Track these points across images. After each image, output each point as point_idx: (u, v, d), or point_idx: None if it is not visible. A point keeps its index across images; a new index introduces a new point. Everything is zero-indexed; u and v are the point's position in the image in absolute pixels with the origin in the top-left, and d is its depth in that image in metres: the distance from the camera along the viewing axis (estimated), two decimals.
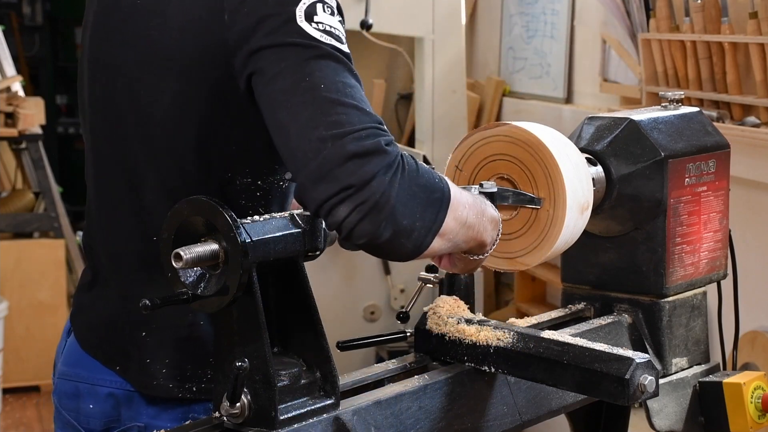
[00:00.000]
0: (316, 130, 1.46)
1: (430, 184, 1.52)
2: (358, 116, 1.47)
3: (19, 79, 5.76)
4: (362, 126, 1.47)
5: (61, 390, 1.79)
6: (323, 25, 1.53)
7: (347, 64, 1.53)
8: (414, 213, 1.49)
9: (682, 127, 2.04)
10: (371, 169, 1.45)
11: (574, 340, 1.68)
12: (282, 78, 1.49)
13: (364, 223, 1.46)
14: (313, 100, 1.47)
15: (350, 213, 1.45)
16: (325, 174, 1.45)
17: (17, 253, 5.32)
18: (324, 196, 1.46)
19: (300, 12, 1.51)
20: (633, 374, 1.57)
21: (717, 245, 2.08)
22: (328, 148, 1.44)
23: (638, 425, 2.11)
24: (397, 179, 1.47)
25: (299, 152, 1.47)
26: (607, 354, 1.61)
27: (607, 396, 1.60)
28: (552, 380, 1.66)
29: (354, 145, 1.44)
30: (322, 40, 1.51)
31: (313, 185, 1.46)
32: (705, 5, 3.36)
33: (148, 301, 1.44)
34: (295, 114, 1.47)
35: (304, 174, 1.46)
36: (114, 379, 1.73)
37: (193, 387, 1.70)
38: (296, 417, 1.51)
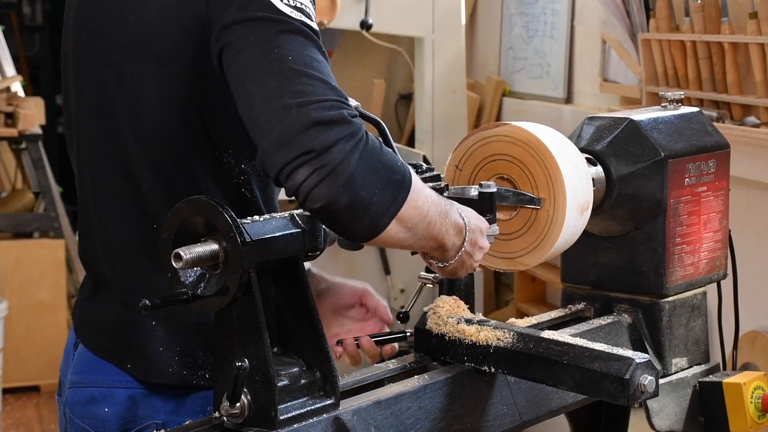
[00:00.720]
0: (281, 99, 1.47)
1: (391, 164, 1.52)
2: (323, 88, 1.49)
3: (19, 79, 5.76)
4: (327, 97, 1.48)
5: (74, 399, 1.78)
6: (294, 1, 1.55)
7: (316, 40, 1.54)
8: (373, 187, 1.49)
9: (682, 127, 2.04)
10: (333, 136, 1.46)
11: (574, 340, 1.68)
12: (250, 50, 1.51)
13: (320, 187, 1.46)
14: (280, 70, 1.49)
15: (308, 176, 1.46)
16: (288, 140, 1.46)
17: (17, 253, 5.32)
18: (285, 161, 1.46)
19: None
20: (633, 374, 1.57)
21: (717, 245, 2.08)
22: (291, 115, 1.46)
23: (638, 425, 2.11)
24: (359, 150, 1.47)
25: (263, 119, 1.48)
26: (606, 354, 1.61)
27: (607, 396, 1.60)
28: (552, 380, 1.66)
29: (318, 113, 1.46)
30: (292, 16, 1.53)
31: (275, 150, 1.47)
32: (705, 5, 3.36)
33: (147, 301, 1.44)
34: (262, 83, 1.49)
35: (267, 140, 1.47)
36: (128, 379, 1.73)
37: (207, 374, 1.70)
38: (296, 417, 1.51)
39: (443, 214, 1.60)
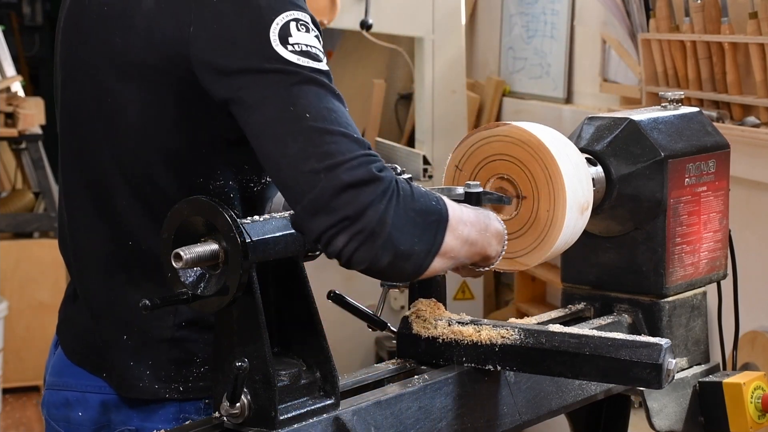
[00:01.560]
0: (307, 163, 1.46)
1: (426, 207, 1.53)
2: (347, 144, 1.47)
3: (19, 79, 5.76)
4: (353, 155, 1.46)
5: (50, 401, 1.78)
6: (299, 45, 1.50)
7: (329, 86, 1.51)
8: (412, 237, 1.50)
9: (682, 127, 2.04)
10: (366, 198, 1.46)
11: (587, 331, 1.69)
12: (265, 108, 1.48)
13: (361, 252, 1.47)
14: (300, 130, 1.46)
15: (347, 243, 1.47)
16: (321, 207, 1.46)
17: (17, 253, 5.32)
18: (321, 228, 1.47)
19: (274, 34, 1.49)
20: (665, 359, 1.60)
21: (717, 245, 2.08)
22: (321, 180, 1.45)
23: (638, 425, 2.11)
24: (392, 206, 1.47)
25: (293, 185, 1.47)
26: (631, 342, 1.63)
27: (639, 382, 1.63)
28: (572, 372, 1.67)
29: (347, 175, 1.45)
30: (300, 64, 1.49)
31: (310, 218, 1.47)
32: (705, 5, 3.36)
33: (147, 301, 1.44)
34: (284, 146, 1.47)
35: (301, 207, 1.47)
36: (102, 385, 1.72)
37: (180, 387, 1.68)
38: (296, 417, 1.51)
39: (483, 230, 1.63)
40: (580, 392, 1.92)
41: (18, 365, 5.25)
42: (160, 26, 1.55)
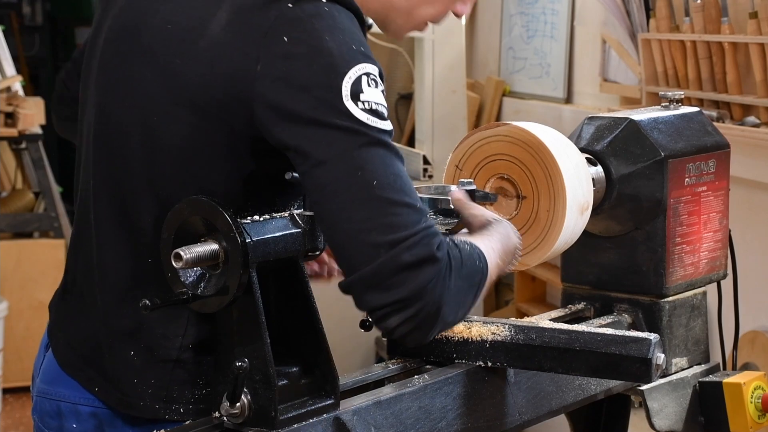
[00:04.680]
0: (369, 234, 1.45)
1: (472, 271, 1.54)
2: (410, 216, 1.46)
3: (19, 79, 5.76)
4: (415, 230, 1.46)
5: (42, 409, 1.75)
6: (369, 103, 1.48)
7: (393, 147, 1.50)
8: (458, 306, 1.52)
9: (682, 127, 2.04)
10: (423, 280, 1.45)
11: (576, 327, 1.70)
12: (331, 167, 1.46)
13: (414, 334, 1.49)
14: (366, 198, 1.45)
15: (401, 323, 1.47)
16: (378, 283, 1.45)
17: (17, 253, 5.32)
18: (376, 304, 1.47)
19: (346, 89, 1.47)
20: (653, 353, 1.62)
21: (717, 245, 2.08)
22: (381, 255, 1.44)
23: (638, 425, 2.11)
24: (447, 284, 1.48)
25: (352, 253, 1.46)
26: (621, 337, 1.64)
27: (628, 377, 1.66)
28: (562, 368, 1.68)
29: (408, 254, 1.44)
30: (369, 124, 1.47)
31: (365, 290, 1.46)
32: (705, 5, 3.35)
33: (147, 301, 1.44)
34: (348, 212, 1.46)
35: (357, 277, 1.46)
36: (93, 398, 1.69)
37: (180, 408, 1.65)
38: (296, 417, 1.51)
39: (508, 254, 1.65)
40: (580, 392, 1.92)
41: (18, 365, 5.25)
42: (226, 56, 1.52)
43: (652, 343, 1.63)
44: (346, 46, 1.49)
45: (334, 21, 1.50)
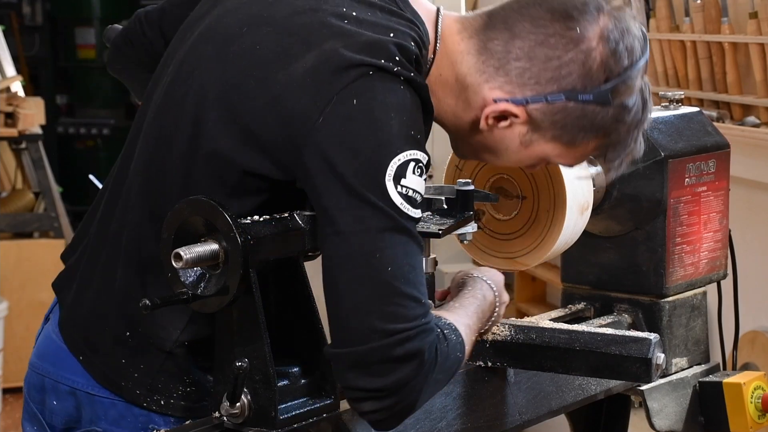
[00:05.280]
0: (369, 317, 1.46)
1: (453, 364, 1.56)
2: (413, 309, 1.48)
3: (19, 79, 5.76)
4: (413, 324, 1.47)
5: (29, 380, 1.77)
6: (407, 189, 1.49)
7: (415, 236, 1.51)
8: (430, 395, 1.55)
9: (682, 127, 2.04)
10: (408, 375, 1.47)
11: (575, 327, 1.69)
12: (353, 240, 1.48)
13: (385, 422, 1.52)
14: (377, 281, 1.47)
15: (375, 410, 1.49)
16: (364, 366, 1.47)
17: (17, 253, 5.31)
18: (356, 385, 1.48)
19: (391, 169, 1.48)
20: (653, 353, 1.62)
21: (717, 245, 2.08)
22: (374, 341, 1.46)
23: (638, 425, 2.11)
24: (427, 380, 1.50)
25: (346, 328, 1.48)
26: (621, 337, 1.64)
27: (628, 377, 1.66)
28: (562, 368, 1.68)
29: (399, 348, 1.46)
30: (401, 209, 1.48)
31: (349, 368, 1.48)
32: (705, 5, 3.35)
33: (147, 300, 1.44)
34: (355, 287, 1.47)
35: (345, 352, 1.48)
36: (76, 379, 1.69)
37: (161, 400, 1.65)
38: (296, 417, 1.51)
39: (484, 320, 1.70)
40: (580, 392, 1.92)
41: (18, 365, 5.24)
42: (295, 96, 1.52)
43: (652, 343, 1.63)
44: (406, 129, 1.50)
45: (404, 101, 1.52)
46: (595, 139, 1.63)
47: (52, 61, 8.31)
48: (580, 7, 1.58)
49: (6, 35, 5.83)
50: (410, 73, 1.53)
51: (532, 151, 1.63)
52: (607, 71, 1.58)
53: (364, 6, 1.59)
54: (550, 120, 1.59)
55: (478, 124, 1.62)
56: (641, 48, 1.61)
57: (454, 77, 1.63)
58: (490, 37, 1.61)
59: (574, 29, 1.57)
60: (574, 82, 1.57)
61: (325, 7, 1.58)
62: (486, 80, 1.60)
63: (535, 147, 1.63)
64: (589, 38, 1.57)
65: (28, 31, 8.23)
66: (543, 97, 1.58)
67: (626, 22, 1.60)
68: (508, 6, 1.62)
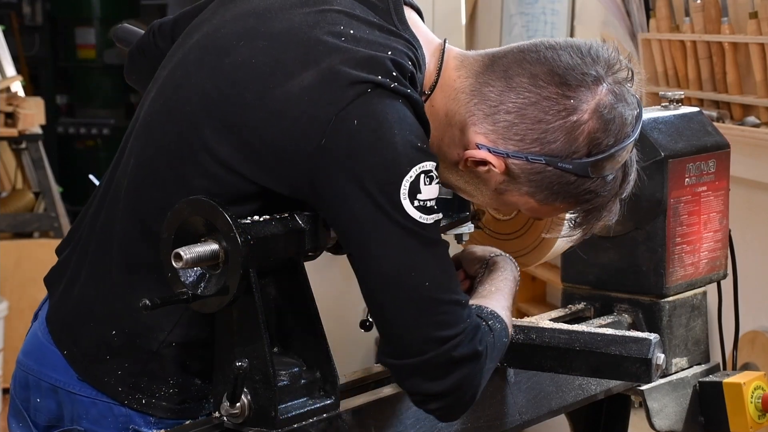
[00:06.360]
0: (420, 329, 1.51)
1: (500, 350, 1.62)
2: (458, 313, 1.53)
3: (19, 79, 5.76)
4: (462, 327, 1.52)
5: (16, 377, 1.78)
6: (424, 202, 1.51)
7: (439, 241, 1.54)
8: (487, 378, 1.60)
9: (682, 127, 2.04)
10: (467, 375, 1.54)
11: (575, 327, 1.70)
12: (383, 263, 1.50)
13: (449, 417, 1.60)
14: (418, 297, 1.51)
15: (439, 408, 1.56)
16: (424, 373, 1.52)
17: (17, 253, 5.31)
18: (419, 390, 1.54)
19: (405, 188, 1.49)
20: (654, 353, 1.63)
21: (717, 245, 2.08)
22: (432, 350, 1.51)
23: (638, 425, 2.11)
24: (483, 373, 1.56)
25: (401, 342, 1.53)
26: (621, 337, 1.64)
27: (629, 377, 1.67)
28: (563, 368, 1.68)
29: (456, 352, 1.52)
30: (423, 223, 1.50)
31: (411, 375, 1.54)
32: (705, 5, 3.35)
33: (148, 300, 1.44)
34: (400, 307, 1.51)
35: (406, 364, 1.53)
36: (58, 377, 1.69)
37: (143, 399, 1.65)
38: (296, 417, 1.51)
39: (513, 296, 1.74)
40: (580, 392, 1.92)
41: None
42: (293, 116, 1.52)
43: (652, 343, 1.63)
44: (410, 142, 1.51)
45: (404, 115, 1.52)
46: (568, 205, 1.65)
47: (52, 61, 8.31)
48: (580, 77, 1.57)
49: (6, 35, 5.83)
50: (407, 90, 1.54)
51: (504, 198, 1.65)
52: (591, 146, 1.58)
53: (362, 24, 1.59)
54: (527, 177, 1.60)
55: (458, 162, 1.64)
56: (632, 126, 1.60)
57: (445, 112, 1.63)
58: (487, 82, 1.61)
59: (570, 98, 1.56)
60: (558, 149, 1.57)
61: (323, 24, 1.58)
62: (473, 123, 1.61)
63: (508, 196, 1.64)
64: (582, 110, 1.57)
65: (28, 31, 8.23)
66: (524, 156, 1.58)
67: (624, 99, 1.59)
68: (512, 54, 1.61)
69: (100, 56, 8.05)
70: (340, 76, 1.52)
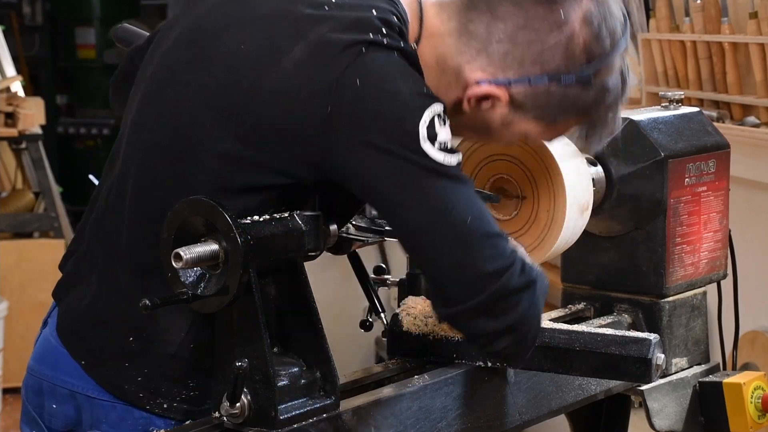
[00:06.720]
0: (475, 267, 1.51)
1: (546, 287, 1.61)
2: (503, 246, 1.53)
3: (19, 79, 5.76)
4: (513, 258, 1.53)
5: (27, 384, 1.76)
6: (444, 143, 1.51)
7: (467, 179, 1.55)
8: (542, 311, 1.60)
9: (682, 127, 2.04)
10: (527, 303, 1.54)
11: (574, 327, 1.70)
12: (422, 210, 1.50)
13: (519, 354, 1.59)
14: (464, 235, 1.51)
15: (508, 345, 1.56)
16: (487, 311, 1.52)
17: (17, 253, 5.31)
18: (485, 331, 1.54)
19: (423, 133, 1.49)
20: (653, 353, 1.62)
21: (717, 245, 2.08)
22: (492, 285, 1.51)
23: (638, 425, 2.11)
24: (539, 304, 1.57)
25: (459, 286, 1.52)
26: (621, 337, 1.64)
27: (628, 377, 1.67)
28: (563, 368, 1.68)
29: (515, 281, 1.52)
30: (446, 164, 1.51)
31: (472, 319, 1.53)
32: (705, 5, 3.35)
33: (147, 300, 1.44)
34: (447, 250, 1.51)
35: (467, 307, 1.52)
36: (76, 383, 1.68)
37: (164, 403, 1.64)
38: (296, 417, 1.51)
39: None
40: (580, 392, 1.92)
41: (18, 365, 5.22)
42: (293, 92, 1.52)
43: (652, 343, 1.63)
44: (415, 89, 1.52)
45: (403, 66, 1.53)
46: (576, 119, 1.65)
47: (52, 61, 8.31)
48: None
49: (6, 35, 5.83)
50: (399, 43, 1.54)
51: (512, 129, 1.65)
52: (589, 54, 1.59)
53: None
54: (532, 101, 1.61)
55: (460, 106, 1.63)
56: (622, 30, 1.62)
57: (435, 60, 1.63)
58: (470, 19, 1.61)
59: (558, 12, 1.58)
60: (558, 65, 1.59)
61: None
62: (467, 61, 1.61)
63: (515, 126, 1.65)
64: (572, 21, 1.58)
65: (28, 31, 8.23)
66: (526, 80, 1.59)
67: (608, 4, 1.62)
68: None
69: (100, 56, 8.06)
70: (332, 43, 1.52)
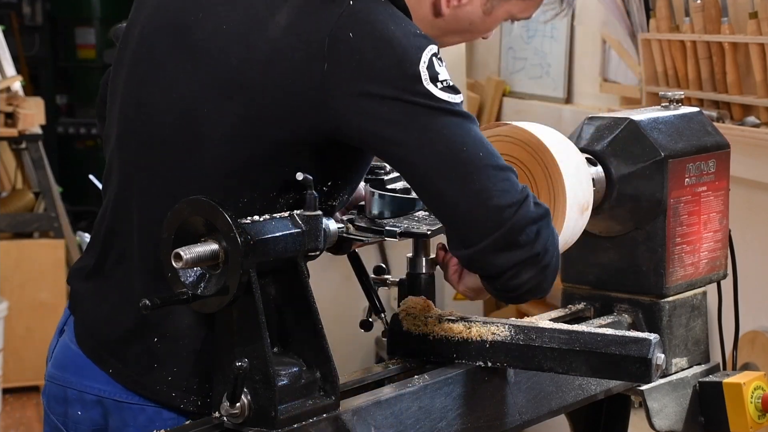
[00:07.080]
0: (492, 201, 1.52)
1: None
2: (514, 179, 1.55)
3: (19, 79, 5.76)
4: (524, 190, 1.55)
5: (49, 393, 1.75)
6: (446, 82, 1.55)
7: (472, 116, 1.57)
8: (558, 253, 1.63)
9: (682, 127, 2.04)
10: (546, 232, 1.56)
11: (574, 327, 1.70)
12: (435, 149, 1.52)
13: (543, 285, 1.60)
14: (478, 170, 1.52)
15: (533, 276, 1.58)
16: (510, 243, 1.53)
17: (17, 253, 5.31)
18: (509, 263, 1.56)
19: (424, 73, 1.52)
20: (653, 353, 1.62)
21: (717, 245, 2.08)
22: (511, 216, 1.52)
23: (638, 425, 2.11)
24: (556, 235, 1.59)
25: (478, 222, 1.53)
26: (621, 337, 1.64)
27: (628, 377, 1.66)
28: (563, 368, 1.68)
29: (531, 211, 1.54)
30: (451, 101, 1.54)
31: (495, 254, 1.54)
32: (705, 5, 3.35)
33: (147, 301, 1.44)
34: (465, 187, 1.52)
35: (488, 243, 1.53)
36: (102, 387, 1.68)
37: (198, 401, 1.65)
38: (296, 417, 1.51)
39: None
40: (580, 392, 1.92)
41: (18, 365, 5.24)
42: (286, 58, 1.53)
43: (652, 343, 1.63)
44: (408, 31, 1.54)
45: (391, 10, 1.55)
46: None
47: (52, 61, 8.31)
48: None
49: (6, 35, 5.83)
50: None
51: (495, 16, 1.70)
52: None
53: None
54: None
55: (439, 11, 1.67)
56: None
57: None
58: None
59: None
60: None
61: None
62: None
63: (497, 11, 1.70)
64: None
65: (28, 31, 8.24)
66: None
67: None
68: None
69: (100, 56, 8.06)
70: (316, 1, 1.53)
